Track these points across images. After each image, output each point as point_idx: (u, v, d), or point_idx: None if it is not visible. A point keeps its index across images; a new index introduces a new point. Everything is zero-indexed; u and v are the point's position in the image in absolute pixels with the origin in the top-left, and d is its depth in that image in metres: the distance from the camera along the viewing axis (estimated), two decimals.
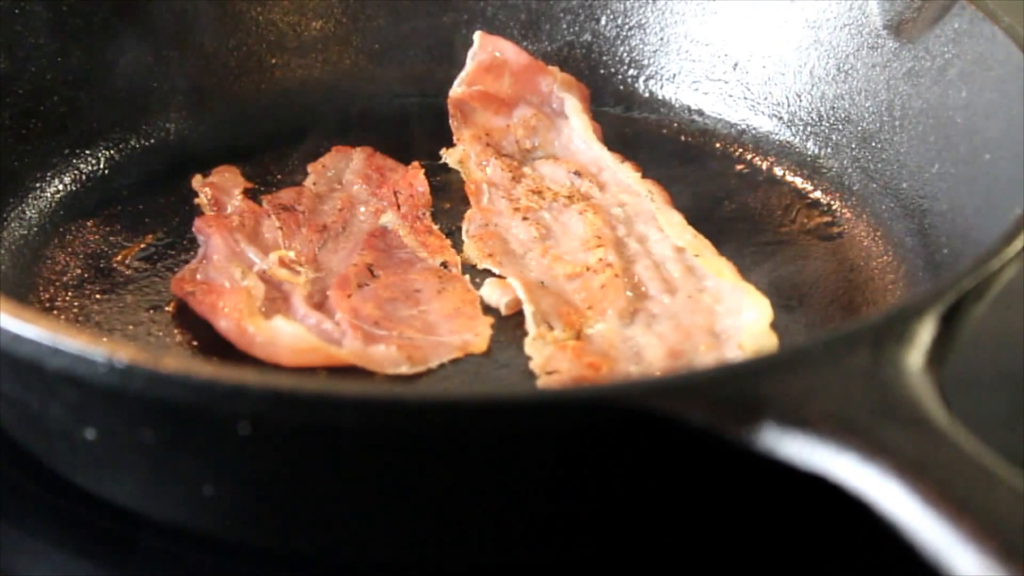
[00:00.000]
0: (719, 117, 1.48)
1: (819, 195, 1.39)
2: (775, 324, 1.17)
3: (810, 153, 1.41)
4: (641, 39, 1.51)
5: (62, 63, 1.36)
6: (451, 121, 1.45)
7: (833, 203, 1.37)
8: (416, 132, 1.46)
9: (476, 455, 0.88)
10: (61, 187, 1.34)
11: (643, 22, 1.51)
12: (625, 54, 1.52)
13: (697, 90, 1.49)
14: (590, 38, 1.53)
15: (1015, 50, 1.20)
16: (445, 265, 1.28)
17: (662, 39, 1.50)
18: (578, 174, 1.37)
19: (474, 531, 0.94)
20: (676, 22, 1.49)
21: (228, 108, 1.47)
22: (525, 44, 1.51)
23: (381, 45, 1.54)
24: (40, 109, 1.34)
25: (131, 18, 1.42)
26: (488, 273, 1.27)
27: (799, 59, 1.43)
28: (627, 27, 1.51)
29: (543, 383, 1.13)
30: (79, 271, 1.26)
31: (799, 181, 1.41)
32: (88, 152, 1.38)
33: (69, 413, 0.93)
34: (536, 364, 1.16)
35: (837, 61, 1.40)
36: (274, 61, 1.51)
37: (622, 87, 1.52)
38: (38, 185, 1.33)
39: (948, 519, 0.76)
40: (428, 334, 1.19)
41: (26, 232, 1.29)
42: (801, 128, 1.42)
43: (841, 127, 1.39)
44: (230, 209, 1.32)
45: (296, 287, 1.22)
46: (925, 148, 1.29)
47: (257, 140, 1.44)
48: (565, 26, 1.53)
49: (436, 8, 1.54)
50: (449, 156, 1.43)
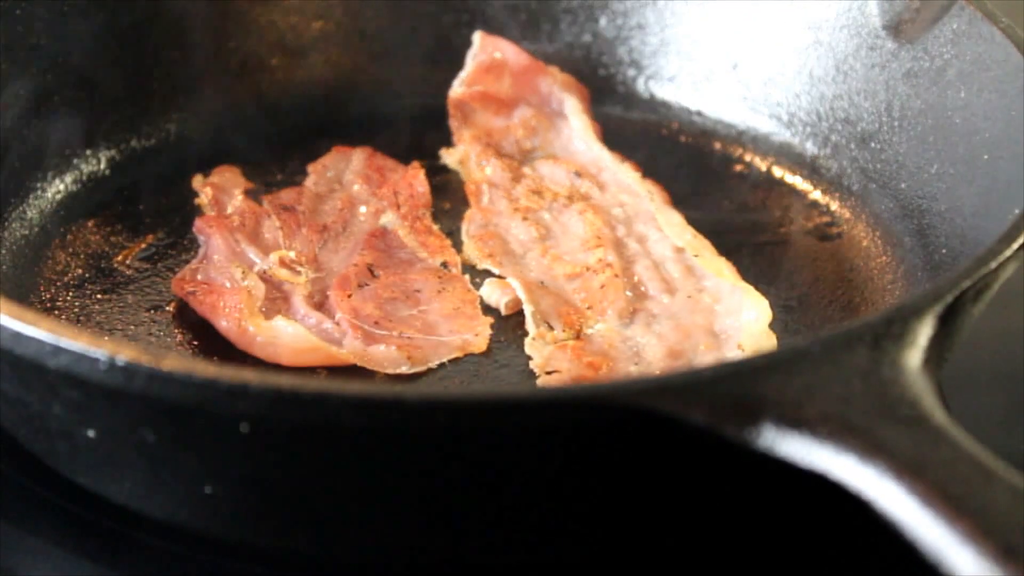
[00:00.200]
0: (718, 117, 1.48)
1: (818, 195, 1.39)
2: (774, 324, 1.17)
3: (809, 153, 1.41)
4: (641, 40, 1.51)
5: (62, 63, 1.36)
6: (451, 121, 1.45)
7: (832, 203, 1.37)
8: (416, 132, 1.46)
9: (476, 454, 0.89)
10: (62, 187, 1.34)
11: (643, 23, 1.51)
12: (625, 54, 1.52)
13: (697, 90, 1.49)
14: (590, 38, 1.53)
15: (1014, 51, 1.20)
16: (445, 265, 1.28)
17: (662, 40, 1.50)
18: (578, 174, 1.37)
19: (474, 531, 0.94)
20: (676, 23, 1.49)
21: (228, 108, 1.47)
22: (525, 44, 1.51)
23: (381, 45, 1.53)
24: (41, 110, 1.34)
25: (131, 18, 1.42)
26: (488, 273, 1.27)
27: (798, 60, 1.43)
28: (627, 28, 1.51)
29: (543, 383, 1.14)
30: (80, 271, 1.26)
31: (798, 181, 1.41)
32: (89, 152, 1.38)
33: (70, 413, 0.93)
34: (536, 364, 1.16)
35: (836, 62, 1.40)
36: (274, 61, 1.51)
37: (622, 87, 1.52)
38: (39, 185, 1.33)
39: (947, 518, 0.77)
40: (428, 334, 1.19)
41: (27, 232, 1.29)
42: (800, 128, 1.42)
43: (840, 127, 1.39)
44: (231, 209, 1.32)
45: (296, 287, 1.22)
46: (924, 148, 1.29)
47: (257, 140, 1.44)
48: (565, 27, 1.53)
49: (436, 8, 1.54)
50: (449, 156, 1.43)
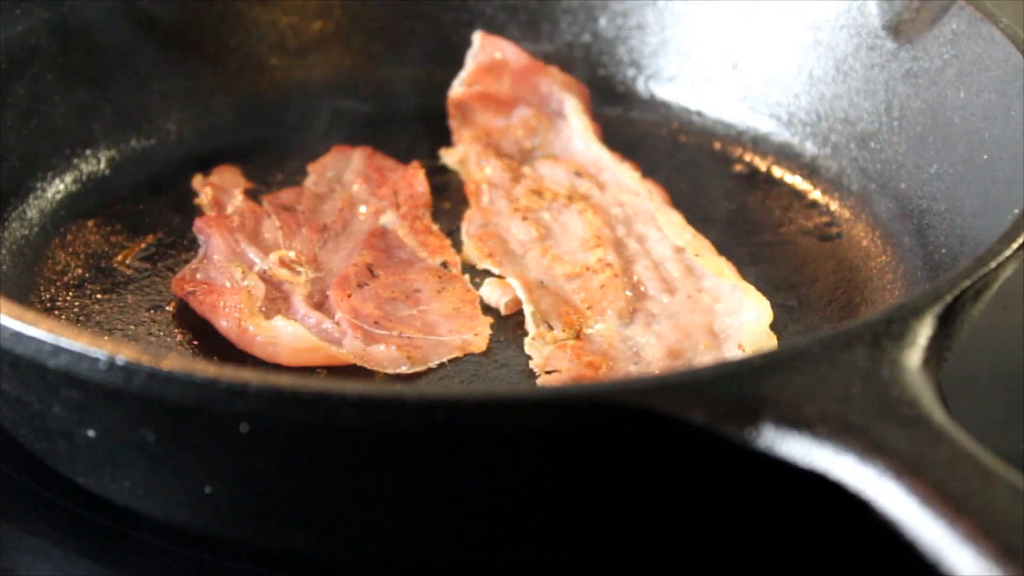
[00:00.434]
0: (718, 117, 1.48)
1: (818, 195, 1.39)
2: (774, 324, 1.17)
3: (809, 153, 1.41)
4: (640, 40, 1.51)
5: (62, 63, 1.36)
6: (451, 121, 1.45)
7: (832, 203, 1.37)
8: (416, 132, 1.46)
9: (476, 454, 0.89)
10: (62, 187, 1.34)
11: (642, 23, 1.51)
12: (625, 54, 1.52)
13: (696, 90, 1.49)
14: (590, 38, 1.53)
15: (1013, 51, 1.20)
16: (445, 265, 1.28)
17: (661, 40, 1.50)
18: (578, 174, 1.37)
19: (474, 530, 0.94)
20: (675, 23, 1.49)
21: (228, 108, 1.47)
22: (525, 44, 1.51)
23: (381, 45, 1.54)
24: (40, 109, 1.34)
25: (131, 18, 1.42)
26: (488, 273, 1.27)
27: (798, 60, 1.43)
28: (627, 28, 1.51)
29: (542, 382, 1.14)
30: (80, 271, 1.26)
31: (798, 181, 1.41)
32: (89, 152, 1.38)
33: (70, 412, 0.93)
34: (535, 363, 1.16)
35: (836, 62, 1.40)
36: (274, 61, 1.51)
37: (622, 87, 1.52)
38: (39, 185, 1.33)
39: (946, 518, 0.77)
40: (428, 334, 1.19)
41: (27, 232, 1.29)
42: (800, 128, 1.43)
43: (840, 127, 1.39)
44: (230, 209, 1.32)
45: (296, 287, 1.22)
46: (923, 148, 1.29)
47: (257, 140, 1.44)
48: (565, 27, 1.53)
49: (436, 9, 1.54)
50: (449, 156, 1.43)
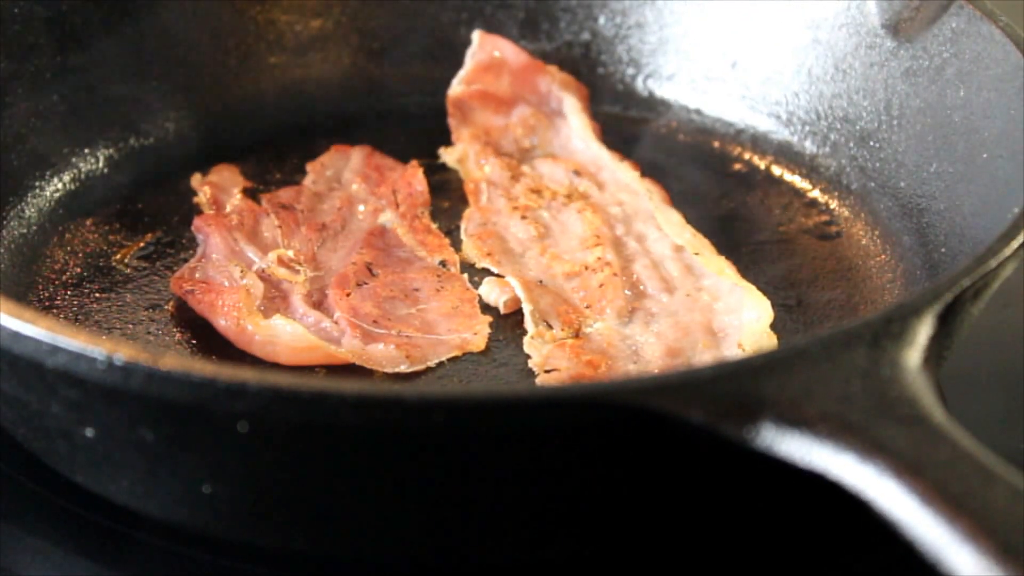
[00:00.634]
0: (717, 116, 1.48)
1: (817, 194, 1.39)
2: (773, 323, 1.17)
3: (808, 152, 1.41)
4: (640, 38, 1.51)
5: (62, 63, 1.36)
6: (450, 120, 1.45)
7: (831, 202, 1.37)
8: (415, 131, 1.46)
9: (475, 453, 0.89)
10: (60, 186, 1.34)
11: (641, 21, 1.51)
12: (624, 53, 1.52)
13: (695, 89, 1.49)
14: (589, 37, 1.53)
15: (1013, 49, 1.20)
16: (444, 264, 1.28)
17: (660, 38, 1.50)
18: (577, 173, 1.37)
19: (473, 530, 0.94)
20: (674, 21, 1.49)
21: (228, 107, 1.47)
22: (524, 43, 1.51)
23: (380, 44, 1.54)
24: (40, 109, 1.34)
25: (131, 17, 1.42)
26: (487, 272, 1.27)
27: (797, 58, 1.43)
28: (626, 26, 1.51)
29: (542, 381, 1.14)
30: (78, 270, 1.26)
31: (797, 180, 1.41)
32: (88, 151, 1.37)
33: (68, 412, 0.93)
34: (535, 362, 1.16)
35: (835, 60, 1.40)
36: (273, 60, 1.51)
37: (621, 86, 1.52)
38: (38, 184, 1.32)
39: (946, 517, 0.76)
40: (427, 332, 1.19)
41: (26, 231, 1.29)
42: (799, 127, 1.42)
43: (839, 126, 1.39)
44: (229, 208, 1.32)
45: (295, 286, 1.22)
46: (923, 147, 1.29)
47: (256, 139, 1.44)
48: (564, 25, 1.53)
49: (435, 7, 1.54)
50: (448, 155, 1.43)
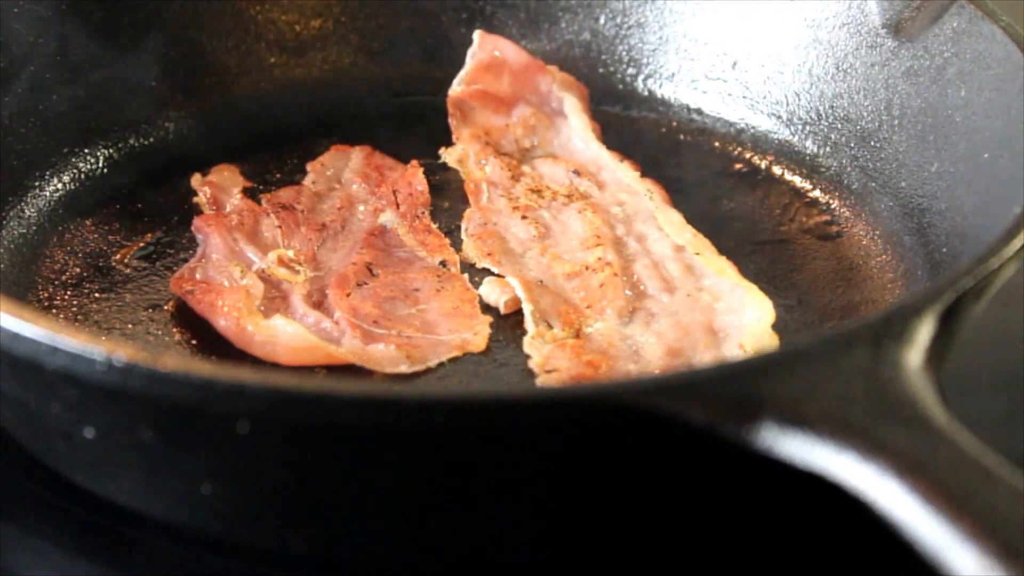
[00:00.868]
0: (718, 116, 1.48)
1: (818, 194, 1.39)
2: (773, 323, 1.17)
3: (809, 152, 1.41)
4: (640, 38, 1.51)
5: (62, 62, 1.36)
6: (450, 120, 1.45)
7: (832, 202, 1.37)
8: (415, 131, 1.46)
9: (475, 454, 0.88)
10: (60, 186, 1.34)
11: (642, 21, 1.51)
12: (624, 53, 1.52)
13: (696, 89, 1.49)
14: (589, 37, 1.53)
15: (1014, 49, 1.20)
16: (444, 264, 1.28)
17: (661, 38, 1.50)
18: (577, 173, 1.37)
19: (473, 531, 0.94)
20: (675, 21, 1.49)
21: (227, 107, 1.47)
22: (524, 43, 1.51)
23: (380, 44, 1.53)
24: (39, 108, 1.34)
25: (130, 17, 1.42)
26: (487, 272, 1.27)
27: (798, 58, 1.43)
28: (626, 26, 1.51)
29: (542, 382, 1.13)
30: (78, 270, 1.26)
31: (798, 180, 1.41)
32: (87, 151, 1.37)
33: (68, 412, 0.93)
34: (535, 363, 1.16)
35: (836, 60, 1.40)
36: (273, 60, 1.51)
37: (621, 86, 1.52)
38: (37, 184, 1.32)
39: (947, 518, 0.76)
40: (427, 333, 1.19)
41: (25, 231, 1.28)
42: (800, 127, 1.42)
43: (840, 126, 1.39)
44: (229, 208, 1.32)
45: (295, 286, 1.22)
46: (924, 147, 1.29)
47: (256, 139, 1.44)
48: (564, 25, 1.53)
49: (435, 7, 1.54)
50: (448, 155, 1.43)
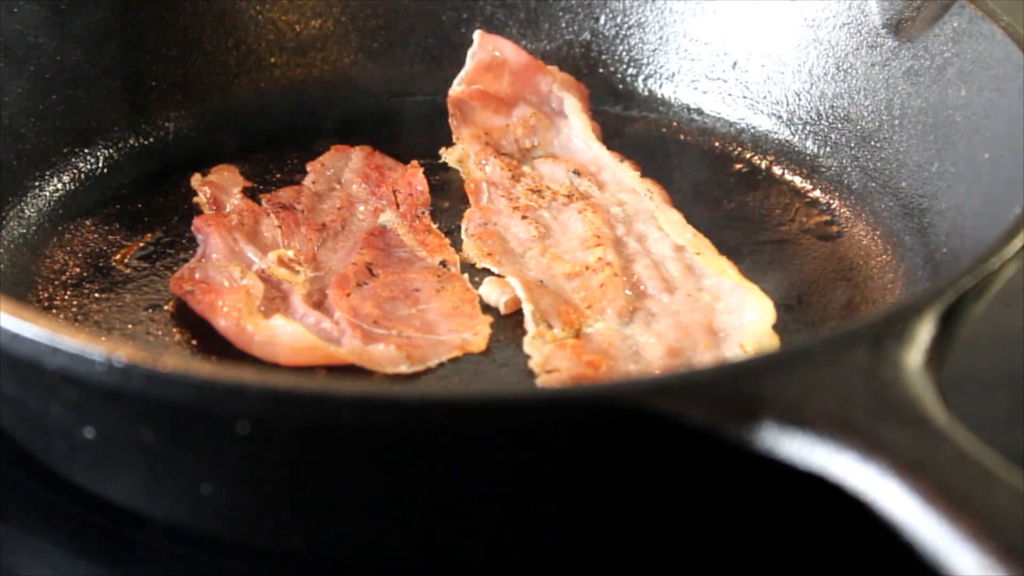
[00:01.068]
0: (718, 116, 1.48)
1: (818, 194, 1.38)
2: (774, 323, 1.17)
3: (809, 152, 1.41)
4: (640, 38, 1.51)
5: (61, 62, 1.36)
6: (450, 120, 1.45)
7: (832, 202, 1.37)
8: (415, 131, 1.46)
9: (475, 454, 0.88)
10: (60, 186, 1.34)
11: (642, 21, 1.51)
12: (624, 53, 1.52)
13: (696, 89, 1.49)
14: (589, 37, 1.53)
15: (1014, 49, 1.20)
16: (444, 264, 1.28)
17: (661, 38, 1.50)
18: (577, 173, 1.37)
19: (473, 530, 0.94)
20: (675, 21, 1.49)
21: (227, 107, 1.47)
22: (524, 43, 1.51)
23: (380, 44, 1.53)
24: (39, 108, 1.34)
25: (130, 17, 1.42)
26: (487, 272, 1.27)
27: (798, 58, 1.43)
28: (626, 26, 1.51)
29: (542, 382, 1.13)
30: (78, 270, 1.26)
31: (798, 180, 1.41)
32: (87, 151, 1.37)
33: (68, 412, 0.93)
34: (535, 363, 1.16)
35: (836, 60, 1.40)
36: (273, 60, 1.51)
37: (621, 86, 1.52)
38: (37, 184, 1.32)
39: (947, 518, 0.76)
40: (427, 333, 1.19)
41: (25, 231, 1.28)
42: (800, 127, 1.42)
43: (840, 126, 1.39)
44: (229, 208, 1.32)
45: (295, 286, 1.22)
46: (924, 147, 1.29)
47: (256, 139, 1.44)
48: (564, 25, 1.53)
49: (435, 7, 1.54)
50: (448, 155, 1.43)
